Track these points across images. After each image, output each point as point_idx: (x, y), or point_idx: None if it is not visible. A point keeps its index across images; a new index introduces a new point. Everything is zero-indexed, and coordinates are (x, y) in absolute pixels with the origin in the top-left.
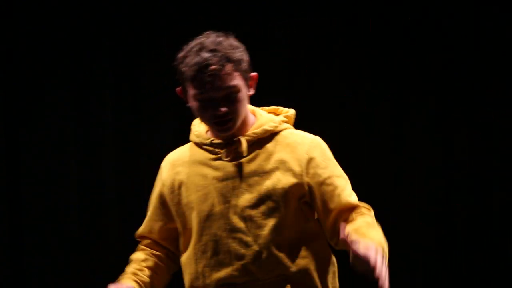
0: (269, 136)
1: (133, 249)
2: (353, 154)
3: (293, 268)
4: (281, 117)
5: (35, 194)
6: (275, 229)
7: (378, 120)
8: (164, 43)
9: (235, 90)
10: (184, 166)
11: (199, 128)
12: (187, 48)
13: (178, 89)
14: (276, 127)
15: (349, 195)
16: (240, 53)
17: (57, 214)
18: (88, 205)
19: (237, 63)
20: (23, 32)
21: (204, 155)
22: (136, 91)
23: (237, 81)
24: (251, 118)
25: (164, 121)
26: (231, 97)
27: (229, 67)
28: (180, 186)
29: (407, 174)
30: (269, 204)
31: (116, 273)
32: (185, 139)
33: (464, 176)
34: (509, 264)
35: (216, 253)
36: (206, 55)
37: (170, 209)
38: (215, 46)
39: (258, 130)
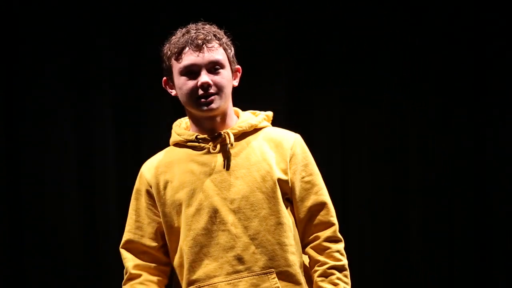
0: (253, 131)
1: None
2: (352, 154)
3: (282, 262)
4: (262, 115)
5: (35, 194)
6: (264, 220)
7: (377, 119)
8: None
9: (220, 64)
10: (167, 167)
11: (179, 129)
12: (173, 35)
13: (164, 79)
14: (259, 122)
15: (325, 195)
16: (227, 40)
17: (57, 214)
18: (88, 205)
19: (223, 43)
20: (23, 32)
21: (188, 152)
22: (136, 91)
23: (223, 59)
24: (234, 117)
25: (164, 121)
26: (216, 70)
27: (216, 42)
28: (165, 186)
29: (407, 174)
30: (258, 195)
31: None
32: None
33: (465, 176)
34: (509, 264)
35: (205, 247)
36: (193, 33)
37: (158, 210)
38: (202, 28)
39: (243, 124)
